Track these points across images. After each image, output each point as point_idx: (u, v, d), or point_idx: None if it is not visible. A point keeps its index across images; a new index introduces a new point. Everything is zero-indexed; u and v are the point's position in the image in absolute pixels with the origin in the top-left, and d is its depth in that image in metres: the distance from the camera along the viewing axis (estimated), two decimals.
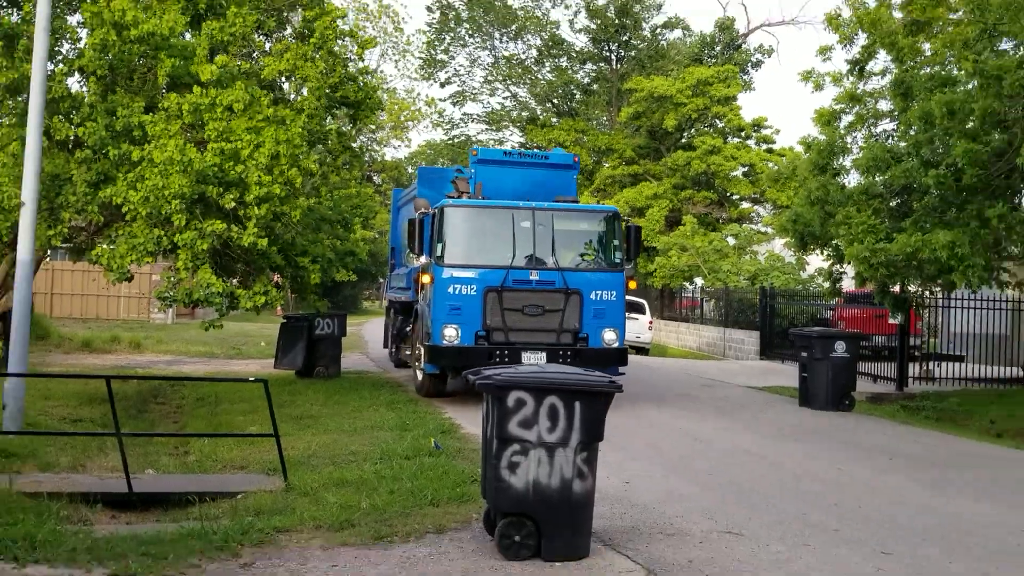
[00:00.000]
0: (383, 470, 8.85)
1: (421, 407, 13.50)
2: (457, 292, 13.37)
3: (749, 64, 44.16)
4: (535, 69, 46.43)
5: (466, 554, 6.44)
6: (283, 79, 15.58)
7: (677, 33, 45.83)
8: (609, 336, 13.79)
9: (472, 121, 49.17)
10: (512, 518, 6.34)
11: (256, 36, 16.18)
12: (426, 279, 13.79)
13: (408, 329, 16.89)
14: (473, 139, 47.82)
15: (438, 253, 13.65)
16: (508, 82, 47.04)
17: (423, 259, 14.01)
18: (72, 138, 13.54)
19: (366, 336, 30.60)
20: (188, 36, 14.30)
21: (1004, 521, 7.96)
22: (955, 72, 14.58)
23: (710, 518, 7.64)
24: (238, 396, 14.27)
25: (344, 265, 15.91)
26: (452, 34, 46.16)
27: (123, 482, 8.24)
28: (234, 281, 14.66)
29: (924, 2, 15.94)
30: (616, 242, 14.28)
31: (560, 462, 6.33)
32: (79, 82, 14.47)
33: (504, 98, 47.84)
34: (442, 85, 49.68)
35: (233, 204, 12.74)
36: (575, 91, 46.28)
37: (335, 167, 17.05)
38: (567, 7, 53.99)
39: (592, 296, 13.69)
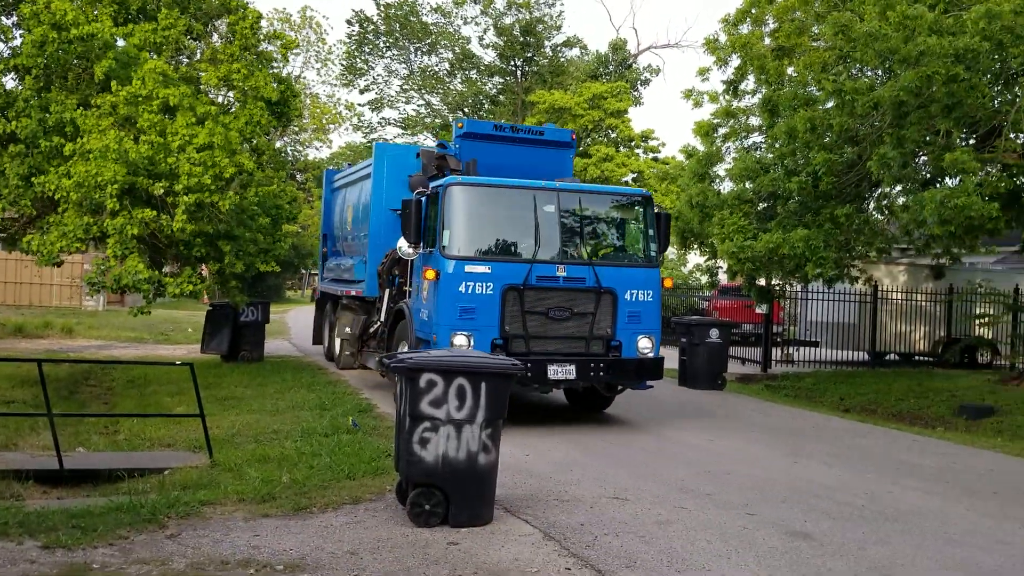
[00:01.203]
0: (303, 447, 8.72)
1: (340, 388, 13.31)
2: (470, 291, 10.06)
3: (639, 81, 44.74)
4: (447, 80, 46.25)
5: (380, 522, 6.40)
6: (225, 89, 15.13)
7: (575, 52, 46.22)
8: (645, 344, 10.79)
9: (389, 125, 48.70)
10: (423, 488, 6.32)
11: (187, 39, 15.66)
12: (430, 274, 10.24)
13: (374, 330, 13.39)
14: (391, 142, 47.32)
15: (444, 242, 10.26)
16: (423, 91, 46.71)
17: (408, 249, 10.78)
18: (6, 134, 12.94)
19: (289, 323, 30.06)
20: (121, 41, 13.78)
21: (850, 484, 8.30)
22: (815, 93, 15.05)
23: (600, 485, 7.76)
24: (166, 379, 13.83)
25: (267, 258, 15.48)
26: (371, 46, 45.63)
27: (55, 460, 7.92)
28: (164, 270, 14.21)
29: (789, 30, 16.39)
30: (651, 232, 11.22)
31: (467, 437, 6.35)
32: (14, 79, 13.84)
33: (419, 105, 47.50)
34: (361, 92, 49.14)
35: (162, 192, 12.33)
36: (484, 101, 46.23)
37: (260, 163, 16.66)
38: (477, 24, 53.83)
39: (627, 296, 10.64)
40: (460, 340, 9.92)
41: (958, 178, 12.51)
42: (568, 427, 10.99)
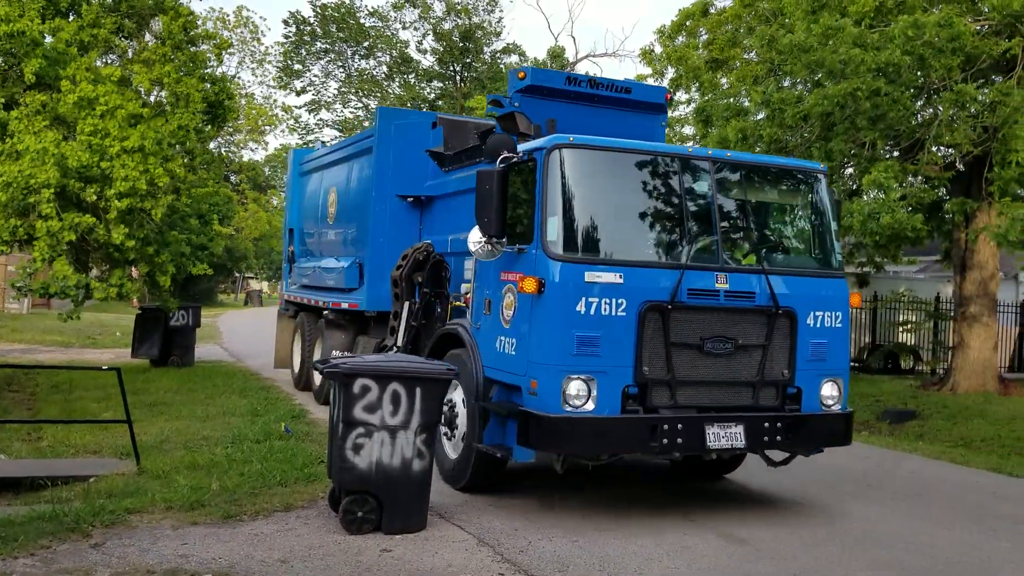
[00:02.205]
0: (234, 453, 8.57)
1: (272, 394, 13.12)
2: (593, 311, 6.60)
3: None
4: (385, 84, 46.01)
5: (312, 530, 6.32)
6: (158, 91, 14.80)
7: (514, 58, 46.41)
8: (830, 392, 7.40)
9: (327, 126, 48.21)
10: (356, 495, 6.27)
11: (118, 39, 15.30)
12: (529, 285, 6.65)
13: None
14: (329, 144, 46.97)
15: (550, 235, 6.77)
16: (360, 94, 46.40)
17: (482, 246, 7.22)
18: None
19: (222, 327, 29.52)
20: (49, 38, 13.41)
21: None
22: (746, 104, 15.39)
23: (534, 492, 7.78)
24: (93, 384, 13.45)
25: (199, 259, 15.14)
26: (307, 48, 45.16)
27: None
28: (92, 273, 13.85)
29: (722, 42, 16.76)
30: (835, 226, 7.88)
31: (401, 443, 6.32)
32: None
33: (356, 108, 47.16)
34: (298, 94, 48.64)
35: (95, 198, 12.03)
36: (423, 105, 46.14)
37: (192, 167, 16.35)
38: (416, 29, 53.71)
39: (809, 321, 7.26)
40: (577, 389, 6.49)
41: (881, 192, 12.91)
42: None
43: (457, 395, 7.75)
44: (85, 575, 5.22)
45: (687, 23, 18.01)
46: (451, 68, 45.45)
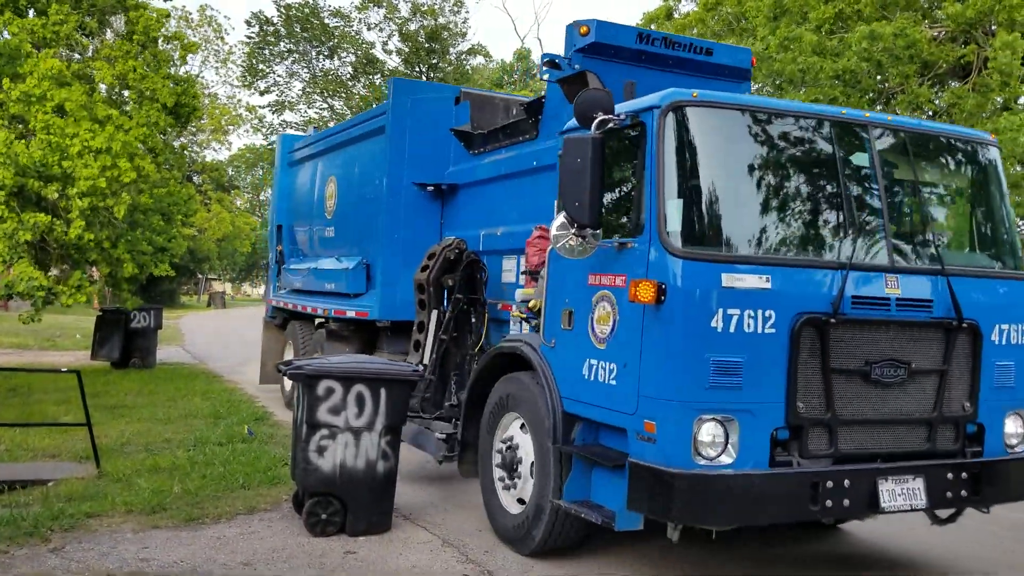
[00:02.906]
0: (196, 456, 8.50)
1: (235, 396, 13.01)
2: (733, 328, 4.88)
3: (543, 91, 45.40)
4: (350, 84, 45.83)
5: (275, 532, 6.30)
6: (120, 88, 14.64)
7: (480, 60, 46.54)
8: (1014, 429, 5.79)
9: (291, 128, 47.92)
10: (319, 498, 6.26)
11: (79, 36, 15.12)
12: (645, 292, 4.91)
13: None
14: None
15: (669, 224, 5.00)
16: (325, 94, 46.18)
17: (569, 240, 5.30)
18: None
19: (183, 329, 29.20)
20: (7, 34, 13.22)
21: None
22: None
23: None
24: (52, 387, 13.22)
25: (160, 260, 14.98)
26: (271, 48, 44.86)
27: None
28: (52, 273, 13.66)
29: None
30: (1010, 213, 6.26)
31: (366, 445, 6.31)
32: None
33: (321, 108, 46.93)
34: (261, 94, 48.30)
35: (56, 196, 11.88)
36: None
37: (156, 163, 16.22)
38: (381, 30, 53.55)
39: (994, 337, 5.63)
40: (711, 434, 4.80)
41: None
42: None
43: (518, 431, 6.19)
44: None
45: (651, 26, 18.19)
46: (416, 69, 45.38)
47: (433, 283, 7.91)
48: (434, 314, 7.94)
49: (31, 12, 13.83)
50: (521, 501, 6.08)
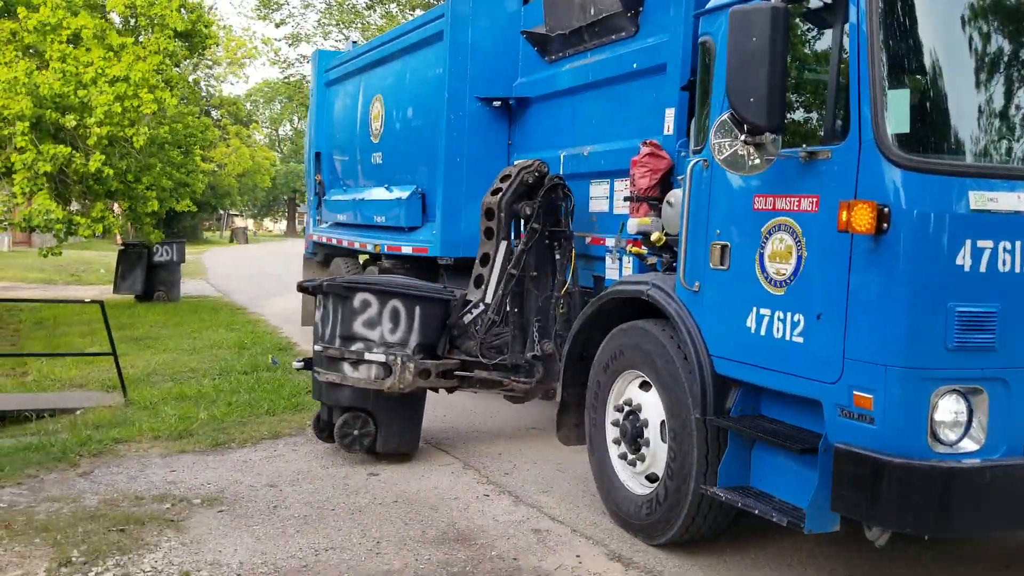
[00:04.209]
0: (221, 384, 8.62)
1: (259, 328, 13.14)
2: (981, 267, 3.65)
3: None
4: (366, 14, 45.13)
5: (300, 456, 6.40)
6: (132, 15, 14.48)
7: None
8: None
9: (307, 62, 47.40)
10: (352, 412, 6.20)
11: None
12: (862, 219, 3.66)
13: (474, 319, 6.66)
14: (307, 80, 46.36)
15: (895, 126, 3.70)
16: (341, 25, 45.56)
17: (732, 143, 3.99)
18: None
19: (207, 263, 29.41)
20: None
21: None
22: None
23: (519, 418, 7.87)
24: (77, 319, 13.42)
25: (181, 196, 14.99)
26: None
27: None
28: (72, 207, 13.73)
29: None
30: None
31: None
32: None
33: (337, 40, 46.32)
34: (277, 26, 47.67)
35: (74, 124, 11.84)
36: None
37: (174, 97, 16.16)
38: None
39: None
40: (953, 412, 3.72)
41: None
42: None
43: (641, 393, 5.09)
44: (73, 502, 5.27)
45: None
46: None
47: (506, 208, 6.70)
48: (503, 245, 6.79)
49: None
50: (651, 479, 4.98)
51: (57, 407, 7.95)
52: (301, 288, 6.58)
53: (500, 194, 6.70)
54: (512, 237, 6.77)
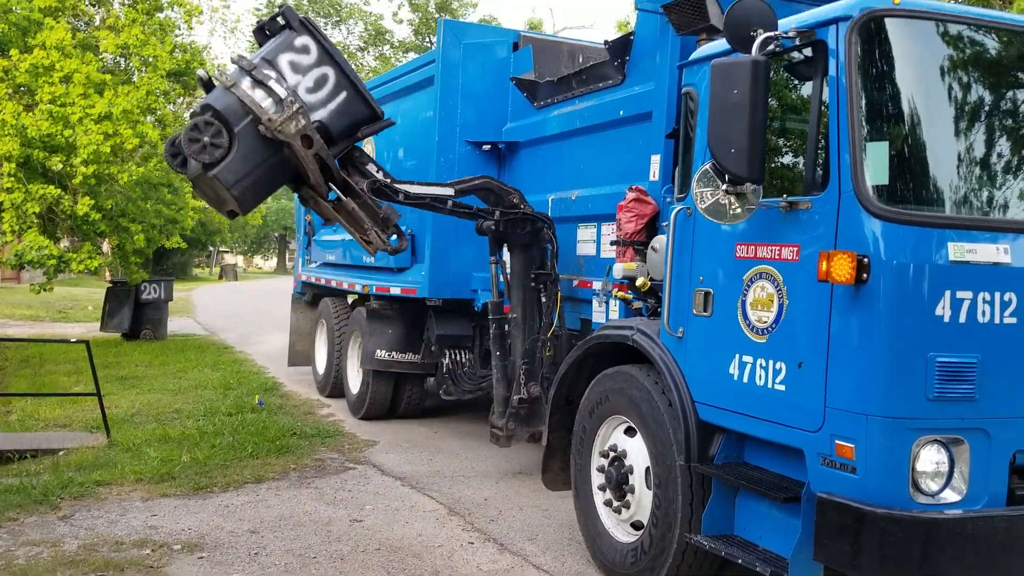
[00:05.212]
0: (206, 426, 8.56)
1: (245, 367, 13.08)
2: (960, 317, 3.71)
3: None
4: (359, 55, 45.60)
5: (283, 501, 6.35)
6: (124, 55, 14.63)
7: None
8: None
9: None
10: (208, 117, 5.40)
11: (85, 5, 15.11)
12: (841, 269, 3.69)
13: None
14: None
15: (874, 176, 3.78)
16: None
17: (714, 192, 4.09)
18: None
19: (195, 301, 29.31)
20: (16, 9, 13.23)
21: None
22: None
23: (506, 461, 7.84)
24: (63, 357, 13.34)
25: (171, 232, 15.01)
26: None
27: None
28: (63, 244, 13.75)
29: None
30: None
31: None
32: None
33: None
34: None
35: (60, 166, 11.92)
36: None
37: (165, 136, 16.21)
38: (390, 0, 53.26)
39: None
40: (935, 462, 3.73)
41: None
42: (466, 410, 10.93)
43: (626, 439, 5.08)
44: (53, 547, 5.22)
45: None
46: (427, 40, 45.08)
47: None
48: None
49: None
50: (636, 526, 4.97)
51: (40, 447, 7.88)
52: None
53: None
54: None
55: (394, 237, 6.05)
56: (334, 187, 5.86)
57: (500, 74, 7.86)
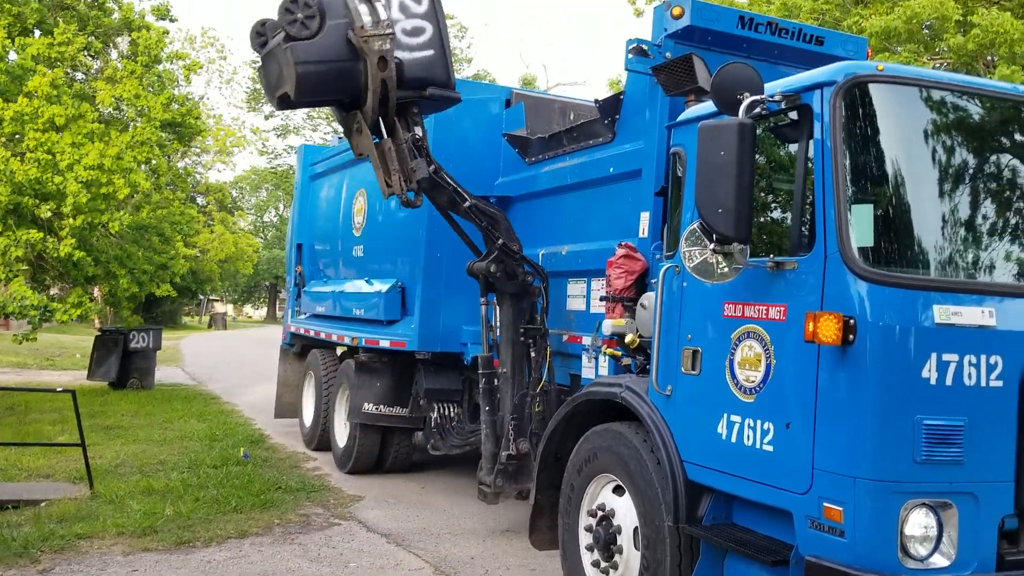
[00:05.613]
0: (190, 479, 8.47)
1: (232, 418, 12.99)
2: (947, 380, 3.70)
3: None
4: None
5: (265, 557, 6.26)
6: (120, 106, 14.78)
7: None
8: None
9: (294, 153, 48.23)
10: None
11: (84, 57, 15.30)
12: (827, 330, 3.70)
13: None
14: (292, 171, 47.15)
15: (860, 239, 3.83)
16: (330, 119, 46.49)
17: (700, 251, 4.05)
18: None
19: (184, 350, 29.18)
20: (13, 55, 13.38)
21: None
22: None
23: (493, 518, 7.76)
24: (48, 406, 13.21)
25: (160, 279, 15.01)
26: None
27: None
28: (52, 292, 13.73)
29: None
30: None
31: None
32: None
33: (326, 132, 47.23)
34: (266, 118, 48.71)
35: (50, 215, 11.96)
36: None
37: (158, 185, 16.30)
38: None
39: None
40: (923, 526, 3.69)
41: None
42: (451, 464, 10.83)
43: (615, 498, 5.04)
44: None
45: None
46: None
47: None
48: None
49: (36, 33, 14.04)
50: None
51: (22, 498, 7.77)
52: None
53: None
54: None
55: (412, 192, 6.21)
56: (382, 124, 6.09)
57: (492, 129, 7.89)
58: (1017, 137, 4.34)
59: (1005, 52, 12.80)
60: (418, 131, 6.21)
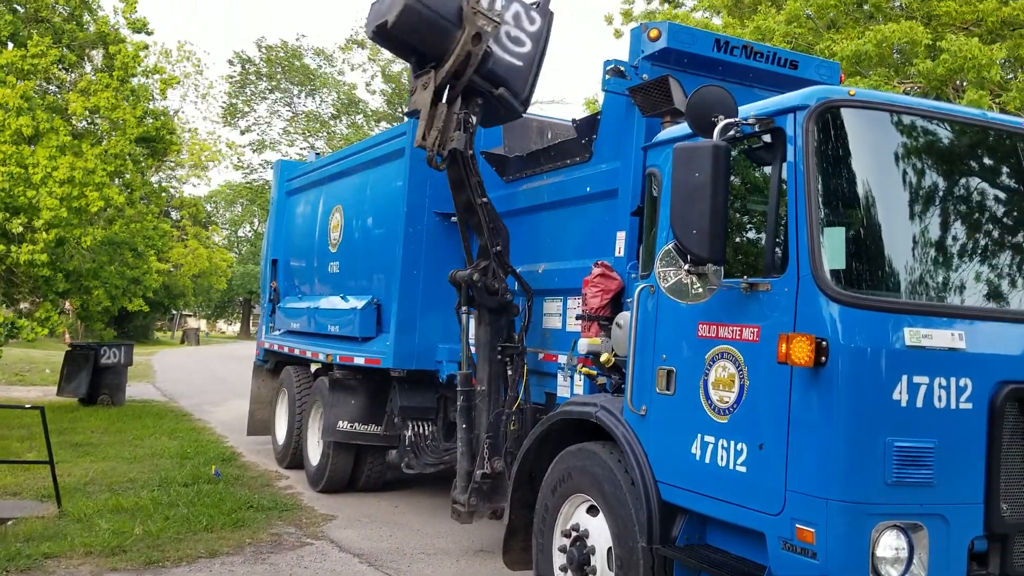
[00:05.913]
0: (160, 497, 8.36)
1: (204, 436, 12.85)
2: (918, 402, 3.73)
3: None
4: (332, 124, 46.08)
5: None
6: (93, 118, 14.65)
7: None
8: None
9: (270, 167, 48.04)
10: None
11: (58, 69, 15.18)
12: (800, 351, 3.75)
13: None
14: (268, 186, 46.95)
15: (832, 261, 3.87)
16: (307, 134, 46.39)
17: (675, 272, 4.21)
18: None
19: (156, 366, 28.86)
20: None
21: None
22: None
23: (467, 538, 7.72)
24: (17, 423, 13.01)
25: (132, 293, 14.84)
26: (252, 87, 45.19)
27: None
28: (22, 306, 13.54)
29: None
30: None
31: None
32: None
33: (302, 148, 47.07)
34: (242, 133, 48.59)
35: (21, 229, 11.80)
36: None
37: (131, 200, 16.15)
38: (364, 71, 54.10)
39: None
40: (894, 547, 3.70)
41: None
42: (428, 481, 10.80)
43: (589, 519, 5.03)
44: None
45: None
46: (400, 109, 45.73)
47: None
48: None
49: (10, 45, 13.91)
50: None
51: None
52: None
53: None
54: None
55: (440, 157, 6.35)
56: (446, 93, 6.33)
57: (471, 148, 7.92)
58: (986, 161, 4.40)
59: (974, 77, 13.03)
60: (473, 118, 6.41)
